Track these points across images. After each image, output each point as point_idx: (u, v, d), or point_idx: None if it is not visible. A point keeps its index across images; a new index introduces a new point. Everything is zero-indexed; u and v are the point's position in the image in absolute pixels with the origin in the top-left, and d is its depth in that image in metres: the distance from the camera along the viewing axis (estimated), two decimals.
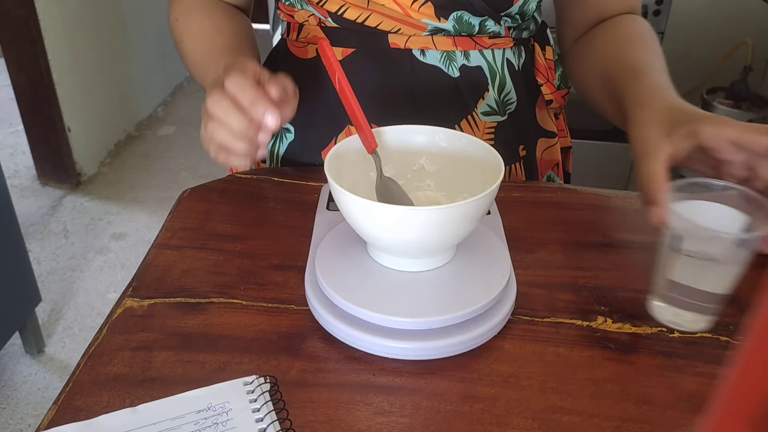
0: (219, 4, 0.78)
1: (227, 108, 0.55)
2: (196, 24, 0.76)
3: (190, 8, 0.77)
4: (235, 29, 0.76)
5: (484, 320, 0.53)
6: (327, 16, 0.73)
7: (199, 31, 0.75)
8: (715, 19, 2.25)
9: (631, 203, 0.72)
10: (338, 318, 0.53)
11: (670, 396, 0.49)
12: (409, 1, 0.70)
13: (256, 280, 0.60)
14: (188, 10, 0.77)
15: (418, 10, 0.70)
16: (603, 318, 0.56)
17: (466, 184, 0.60)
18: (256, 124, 0.56)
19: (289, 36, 0.80)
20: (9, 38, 2.10)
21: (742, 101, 2.06)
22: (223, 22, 0.76)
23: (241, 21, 0.79)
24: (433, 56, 0.74)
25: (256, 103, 0.55)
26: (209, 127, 0.57)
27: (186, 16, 0.76)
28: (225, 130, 0.56)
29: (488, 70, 0.76)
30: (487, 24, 0.73)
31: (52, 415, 0.47)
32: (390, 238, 0.53)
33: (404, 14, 0.71)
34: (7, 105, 2.75)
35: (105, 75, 2.50)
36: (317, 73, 0.77)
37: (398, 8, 0.70)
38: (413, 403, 0.49)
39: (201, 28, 0.75)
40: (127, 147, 2.63)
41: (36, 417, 1.54)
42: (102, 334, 0.55)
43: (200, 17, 0.76)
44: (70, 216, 2.23)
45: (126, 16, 2.61)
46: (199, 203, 0.71)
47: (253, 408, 0.47)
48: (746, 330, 0.15)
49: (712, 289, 0.54)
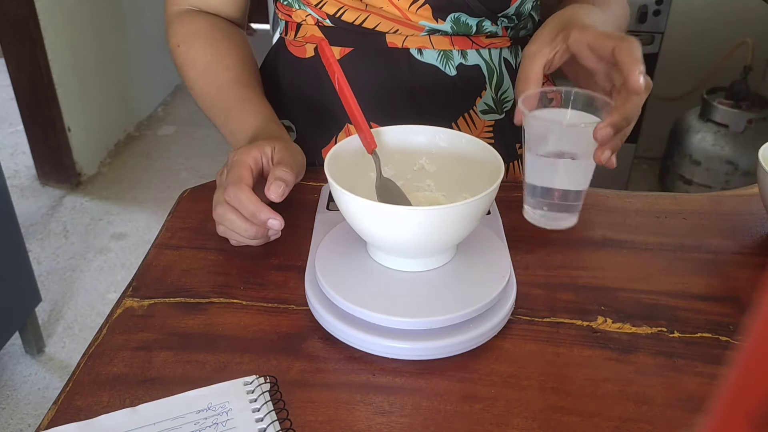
0: (217, 25, 0.78)
1: (233, 220, 0.59)
2: (199, 54, 0.75)
3: (191, 35, 0.76)
4: (237, 56, 0.76)
5: (484, 320, 0.53)
6: (326, 18, 0.73)
7: (202, 62, 0.75)
8: (715, 19, 2.25)
9: (631, 203, 0.72)
10: (338, 318, 0.53)
11: (670, 396, 0.49)
12: (407, 4, 0.70)
13: (256, 280, 0.60)
14: (189, 37, 0.76)
15: (415, 12, 0.71)
16: (603, 318, 0.56)
17: (466, 184, 0.60)
18: (262, 228, 0.60)
19: (287, 35, 0.80)
20: (9, 38, 2.10)
21: (742, 101, 2.06)
22: (224, 49, 0.75)
23: (240, 43, 0.78)
24: (431, 55, 0.74)
25: (257, 215, 0.58)
26: (220, 230, 0.62)
27: (187, 44, 0.76)
28: (235, 234, 0.61)
29: (486, 69, 0.76)
30: (484, 24, 0.73)
31: (52, 415, 0.47)
32: (390, 238, 0.53)
33: (402, 16, 0.71)
34: (7, 105, 2.75)
35: (105, 75, 2.50)
36: (315, 72, 0.77)
37: (396, 11, 0.70)
38: (413, 403, 0.49)
39: (203, 59, 0.75)
40: (127, 147, 2.63)
41: (36, 417, 1.54)
42: (102, 334, 0.55)
43: (202, 46, 0.75)
44: (70, 216, 2.23)
45: (126, 16, 2.61)
46: (199, 203, 0.71)
47: (253, 408, 0.47)
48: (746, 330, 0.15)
49: (570, 186, 0.59)
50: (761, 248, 0.66)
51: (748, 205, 0.72)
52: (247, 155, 0.60)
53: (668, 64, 2.23)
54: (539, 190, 0.60)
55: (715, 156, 2.08)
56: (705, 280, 0.61)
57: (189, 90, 0.77)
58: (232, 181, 0.59)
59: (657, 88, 2.43)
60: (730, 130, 2.06)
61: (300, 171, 0.64)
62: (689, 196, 0.74)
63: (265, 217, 0.58)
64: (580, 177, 0.60)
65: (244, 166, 0.60)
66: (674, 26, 2.12)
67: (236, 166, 0.60)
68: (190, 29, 0.77)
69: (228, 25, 0.79)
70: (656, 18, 1.95)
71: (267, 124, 0.68)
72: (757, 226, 0.69)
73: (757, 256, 0.65)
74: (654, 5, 1.93)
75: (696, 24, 2.26)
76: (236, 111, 0.70)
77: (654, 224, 0.69)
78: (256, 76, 0.77)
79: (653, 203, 0.72)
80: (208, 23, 0.77)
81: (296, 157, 0.63)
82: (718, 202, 0.73)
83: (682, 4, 2.18)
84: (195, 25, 0.77)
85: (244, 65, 0.76)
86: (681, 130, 2.18)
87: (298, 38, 0.78)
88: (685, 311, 0.57)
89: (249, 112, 0.70)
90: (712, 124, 2.10)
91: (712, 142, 2.08)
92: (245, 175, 0.59)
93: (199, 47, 0.75)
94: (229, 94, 0.72)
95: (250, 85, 0.73)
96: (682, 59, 2.31)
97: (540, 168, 0.59)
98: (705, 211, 0.71)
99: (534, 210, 0.61)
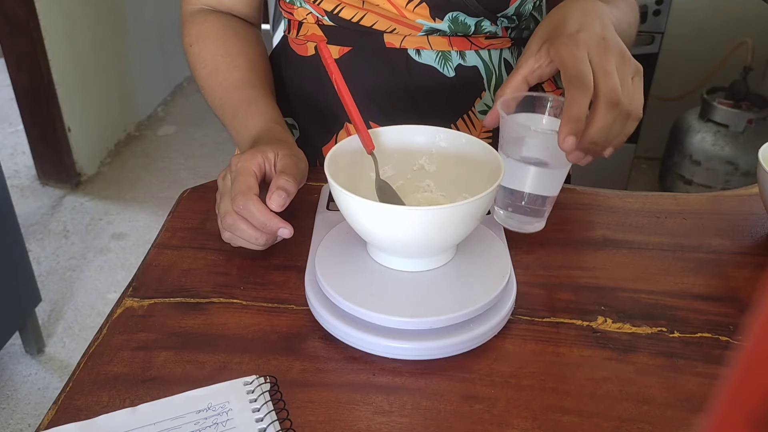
0: (230, 24, 0.78)
1: (244, 230, 0.59)
2: (209, 54, 0.75)
3: (203, 35, 0.76)
4: (248, 56, 0.76)
5: (484, 320, 0.53)
6: (324, 15, 0.73)
7: (212, 62, 0.75)
8: (715, 19, 2.25)
9: (631, 203, 0.72)
10: (338, 318, 0.53)
11: (670, 396, 0.49)
12: (404, 2, 0.70)
13: (256, 280, 0.60)
14: (201, 37, 0.76)
15: (412, 11, 0.70)
16: (603, 318, 0.56)
17: (466, 184, 0.60)
18: (272, 237, 0.60)
19: (290, 33, 0.80)
20: (9, 38, 2.10)
21: (742, 101, 2.06)
22: (235, 49, 0.75)
23: (252, 41, 0.78)
24: (429, 56, 0.74)
25: (267, 225, 0.59)
26: (226, 236, 0.61)
27: (198, 44, 0.76)
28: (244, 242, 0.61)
29: (484, 70, 0.76)
30: (483, 24, 0.73)
31: (52, 415, 0.47)
32: (390, 238, 0.53)
33: (399, 14, 0.71)
34: (7, 105, 2.75)
35: (105, 75, 2.50)
36: (316, 71, 0.77)
37: (393, 8, 0.70)
38: (413, 403, 0.49)
39: (214, 59, 0.75)
40: (127, 147, 2.63)
41: (36, 417, 1.54)
42: (102, 334, 0.55)
43: (213, 45, 0.76)
44: (70, 216, 2.23)
45: (126, 16, 2.61)
46: (199, 203, 0.71)
47: (253, 408, 0.47)
48: (746, 330, 0.15)
49: (539, 191, 0.60)
50: (761, 248, 0.66)
51: (748, 205, 0.72)
52: (251, 162, 0.60)
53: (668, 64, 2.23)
54: (509, 192, 0.61)
55: (715, 156, 2.08)
56: (705, 280, 0.61)
57: (200, 89, 0.77)
58: (240, 191, 0.58)
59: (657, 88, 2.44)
60: (730, 130, 2.06)
61: (302, 179, 0.64)
62: (689, 196, 0.74)
63: (275, 227, 0.59)
64: (551, 183, 0.61)
65: (249, 174, 0.59)
66: (674, 26, 2.12)
67: (242, 174, 0.59)
68: (202, 29, 0.77)
69: (241, 24, 0.79)
70: (656, 18, 1.95)
71: (271, 125, 0.68)
72: (757, 226, 0.69)
73: (757, 256, 0.65)
74: (654, 5, 1.93)
75: (696, 24, 2.26)
76: (242, 112, 0.71)
77: (654, 224, 0.69)
78: (266, 75, 0.77)
79: (653, 203, 0.72)
80: (220, 23, 0.77)
81: (299, 165, 0.63)
82: (718, 202, 0.73)
83: (682, 4, 2.18)
84: (207, 24, 0.77)
85: (254, 65, 0.75)
86: (681, 130, 2.18)
87: (300, 36, 0.78)
88: (685, 311, 0.57)
89: (255, 114, 0.70)
90: (712, 124, 2.10)
91: (712, 142, 2.08)
92: (252, 184, 0.59)
93: (210, 47, 0.76)
94: (237, 95, 0.72)
95: (258, 85, 0.73)
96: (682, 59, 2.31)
97: (511, 171, 0.60)
98: (705, 211, 0.71)
99: (501, 210, 0.63)
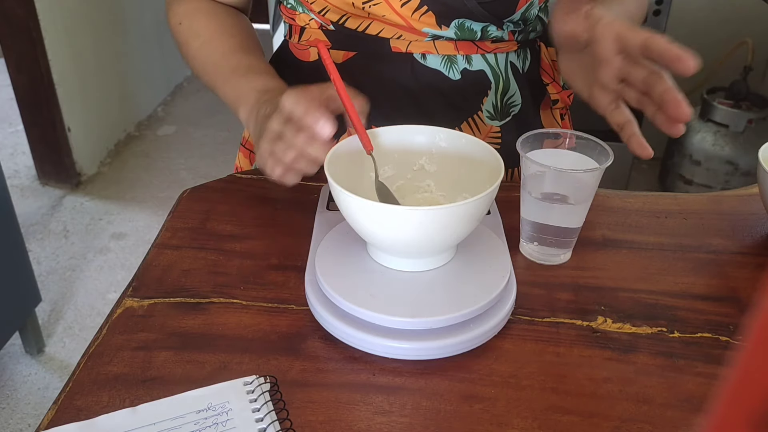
0: (220, 6, 0.78)
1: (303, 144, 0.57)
2: (202, 26, 0.75)
3: (193, 11, 0.76)
4: (241, 29, 0.76)
5: (484, 320, 0.53)
6: (329, 24, 0.73)
7: (206, 33, 0.75)
8: (715, 19, 2.24)
9: (631, 203, 0.72)
10: (338, 318, 0.53)
11: (670, 396, 0.49)
12: (410, 12, 0.70)
13: (256, 280, 0.60)
14: (190, 12, 0.76)
15: (418, 20, 0.70)
16: (603, 318, 0.56)
17: (466, 184, 0.60)
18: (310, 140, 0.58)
19: (291, 38, 0.80)
20: (9, 38, 2.10)
21: (742, 101, 2.06)
22: (228, 22, 0.76)
23: (244, 21, 0.79)
24: (434, 60, 0.74)
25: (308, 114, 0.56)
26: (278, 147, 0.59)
27: (189, 19, 0.76)
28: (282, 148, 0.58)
29: (491, 74, 0.76)
30: (489, 29, 0.72)
31: (52, 415, 0.47)
32: (390, 238, 0.53)
33: (405, 24, 0.70)
34: (7, 105, 2.75)
35: (105, 75, 2.50)
36: (319, 76, 0.76)
37: (399, 19, 0.70)
38: (413, 403, 0.49)
39: (207, 29, 0.75)
40: (127, 147, 2.63)
41: (36, 417, 1.54)
42: (102, 334, 0.55)
43: (205, 19, 0.76)
44: (70, 216, 2.23)
45: (126, 16, 2.61)
46: (199, 203, 0.71)
47: (253, 408, 0.47)
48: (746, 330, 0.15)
49: (563, 224, 0.61)
50: (761, 248, 0.66)
51: (748, 205, 0.72)
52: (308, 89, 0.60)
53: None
54: (534, 226, 0.62)
55: (715, 156, 2.08)
56: (705, 280, 0.61)
57: (189, 63, 0.76)
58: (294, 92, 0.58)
59: None
60: (730, 130, 2.06)
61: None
62: (689, 196, 0.74)
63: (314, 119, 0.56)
64: (574, 217, 0.61)
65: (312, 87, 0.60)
66: (674, 26, 2.11)
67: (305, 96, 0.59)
68: (189, 7, 0.77)
69: (230, 9, 0.80)
70: (656, 18, 1.95)
71: (280, 82, 0.69)
72: (757, 226, 0.69)
73: (757, 256, 0.65)
74: (654, 5, 1.93)
75: (696, 24, 2.26)
76: (243, 70, 0.70)
77: (654, 224, 0.69)
78: (260, 51, 0.77)
79: (653, 203, 0.72)
80: (209, 3, 0.78)
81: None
82: (718, 202, 0.73)
83: (682, 4, 2.18)
84: (195, 3, 0.77)
85: (250, 40, 0.76)
86: None
87: (302, 42, 0.77)
88: (685, 311, 0.57)
89: (259, 71, 0.70)
90: (712, 124, 2.10)
91: (712, 142, 2.08)
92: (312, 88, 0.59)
93: (202, 20, 0.76)
94: (235, 57, 0.72)
95: (255, 54, 0.74)
96: None
97: (535, 206, 0.61)
98: (705, 211, 0.71)
99: (526, 243, 0.63)
